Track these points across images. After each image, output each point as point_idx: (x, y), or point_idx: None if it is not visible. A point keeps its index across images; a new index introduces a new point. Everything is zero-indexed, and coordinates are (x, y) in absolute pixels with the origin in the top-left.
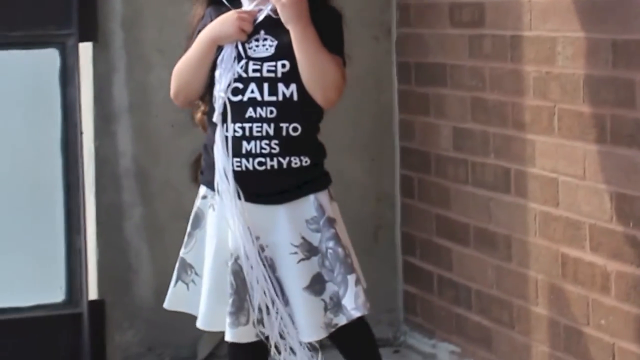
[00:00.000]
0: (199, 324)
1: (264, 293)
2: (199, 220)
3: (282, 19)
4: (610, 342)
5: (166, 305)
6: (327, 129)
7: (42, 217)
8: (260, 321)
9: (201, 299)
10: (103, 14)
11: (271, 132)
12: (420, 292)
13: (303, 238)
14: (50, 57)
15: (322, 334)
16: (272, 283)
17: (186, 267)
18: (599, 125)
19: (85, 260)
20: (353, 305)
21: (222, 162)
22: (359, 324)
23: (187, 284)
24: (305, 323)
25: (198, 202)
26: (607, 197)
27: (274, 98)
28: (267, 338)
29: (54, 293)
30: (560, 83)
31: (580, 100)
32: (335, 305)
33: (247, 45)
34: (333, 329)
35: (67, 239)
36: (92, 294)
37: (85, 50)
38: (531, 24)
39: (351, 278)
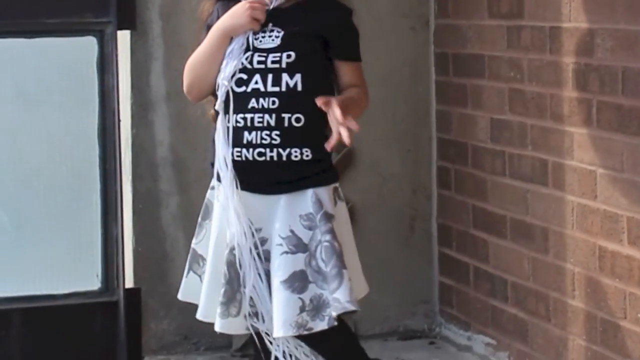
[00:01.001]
0: (198, 315)
1: (253, 286)
2: (208, 211)
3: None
4: None
5: (180, 296)
6: (363, 119)
7: (79, 205)
8: (254, 314)
9: (202, 289)
10: (141, 2)
11: (272, 122)
12: (456, 283)
13: (292, 232)
14: (88, 45)
15: (291, 332)
16: (262, 277)
17: (197, 258)
18: (638, 117)
19: (122, 249)
20: (348, 298)
21: (223, 151)
22: (345, 325)
23: (199, 276)
24: (276, 317)
25: (208, 193)
26: None
27: (277, 89)
28: (257, 333)
29: (90, 281)
30: (599, 75)
31: (620, 92)
32: (315, 308)
33: (253, 37)
34: (306, 332)
35: (103, 227)
36: (128, 282)
37: (124, 38)
38: (570, 15)
39: (346, 273)
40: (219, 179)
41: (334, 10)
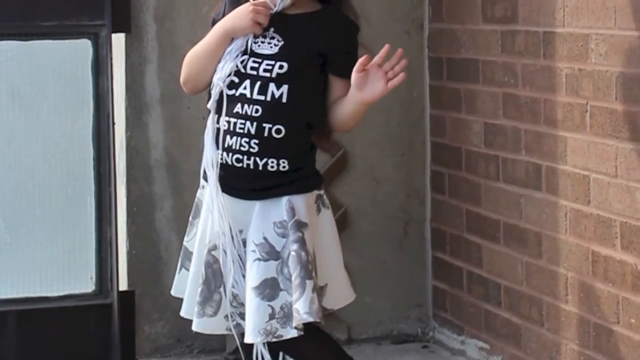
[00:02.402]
0: (181, 312)
1: (236, 281)
2: (198, 210)
3: (356, 99)
4: None
5: (172, 291)
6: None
7: (73, 208)
8: (237, 315)
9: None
10: (136, 5)
11: (252, 130)
12: (449, 288)
13: (265, 239)
14: (83, 48)
15: (259, 339)
16: (245, 275)
17: (189, 255)
18: (632, 122)
19: (116, 251)
20: (307, 309)
21: (211, 151)
22: (319, 333)
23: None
24: (247, 323)
25: (198, 192)
26: (639, 196)
27: (262, 97)
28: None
29: (84, 283)
30: (592, 80)
31: (613, 97)
32: (285, 316)
33: (253, 40)
34: (275, 339)
35: (97, 229)
36: (122, 284)
37: (118, 41)
38: (564, 20)
39: (309, 283)
40: (205, 179)
41: (340, 27)
